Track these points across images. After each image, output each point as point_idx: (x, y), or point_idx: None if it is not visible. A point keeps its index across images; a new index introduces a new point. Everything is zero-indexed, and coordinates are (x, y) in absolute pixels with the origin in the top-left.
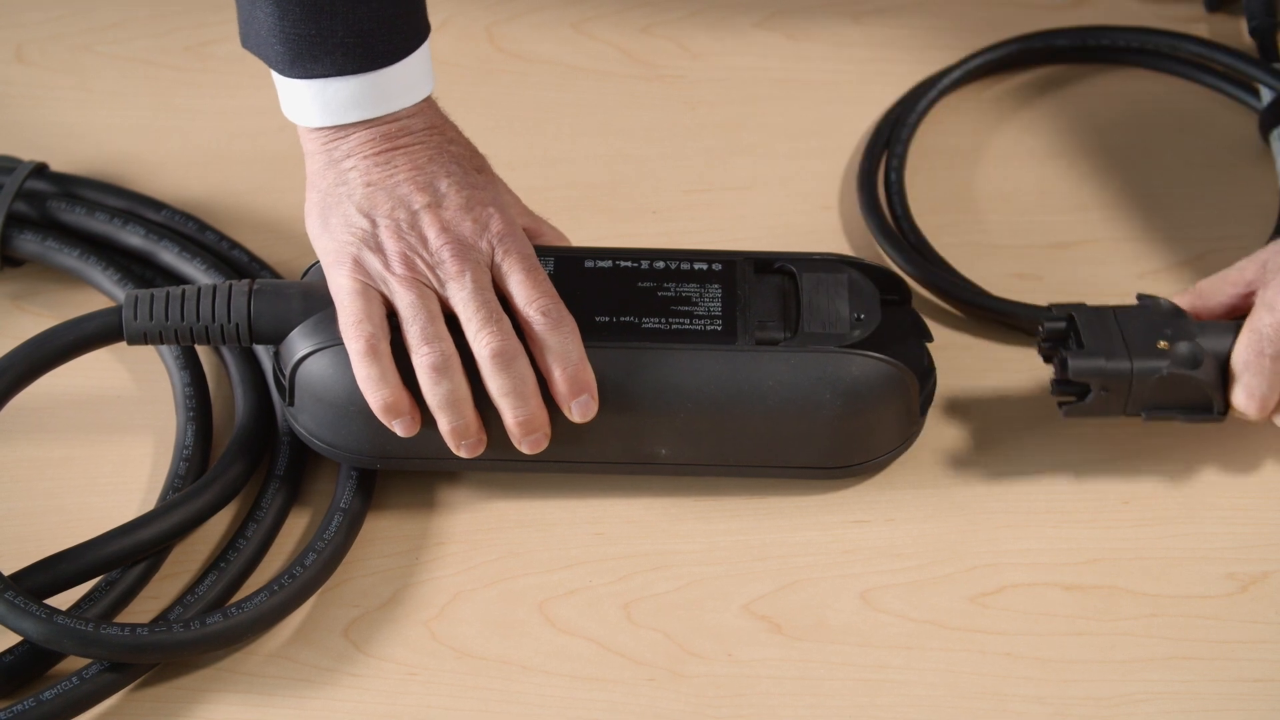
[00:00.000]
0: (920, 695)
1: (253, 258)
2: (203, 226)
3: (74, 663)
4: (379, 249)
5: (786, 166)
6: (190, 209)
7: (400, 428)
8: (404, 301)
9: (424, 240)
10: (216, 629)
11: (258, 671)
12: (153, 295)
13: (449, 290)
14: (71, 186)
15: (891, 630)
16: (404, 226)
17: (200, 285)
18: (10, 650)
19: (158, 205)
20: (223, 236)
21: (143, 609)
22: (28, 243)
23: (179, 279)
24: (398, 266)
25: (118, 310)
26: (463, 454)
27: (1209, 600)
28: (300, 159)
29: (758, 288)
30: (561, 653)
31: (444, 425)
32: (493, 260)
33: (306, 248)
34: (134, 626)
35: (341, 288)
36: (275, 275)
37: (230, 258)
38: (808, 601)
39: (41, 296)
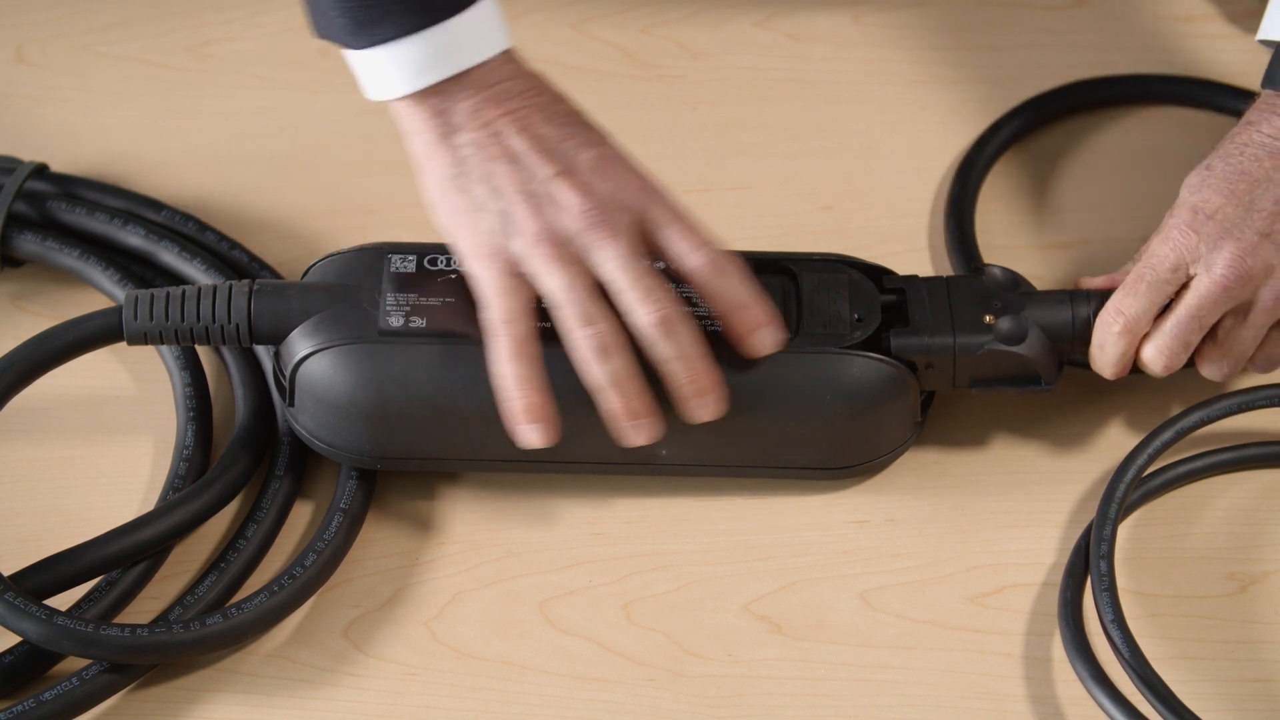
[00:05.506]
0: (920, 695)
1: (253, 258)
2: (203, 226)
3: (74, 663)
4: (518, 231)
5: (786, 166)
6: (190, 209)
7: (536, 434)
8: (553, 284)
9: (563, 210)
10: (216, 629)
11: (258, 671)
12: (153, 295)
13: (596, 259)
14: (71, 187)
15: (891, 630)
16: (540, 200)
17: (200, 285)
18: (10, 651)
19: (158, 205)
20: (223, 236)
21: (143, 609)
22: (28, 243)
23: (179, 279)
24: (541, 246)
25: (118, 310)
26: (635, 438)
27: (1209, 600)
28: (300, 158)
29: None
30: (561, 653)
31: (610, 406)
32: (639, 216)
33: (307, 248)
34: (134, 627)
35: (486, 282)
36: (275, 275)
37: (230, 258)
38: (808, 601)
39: (41, 296)
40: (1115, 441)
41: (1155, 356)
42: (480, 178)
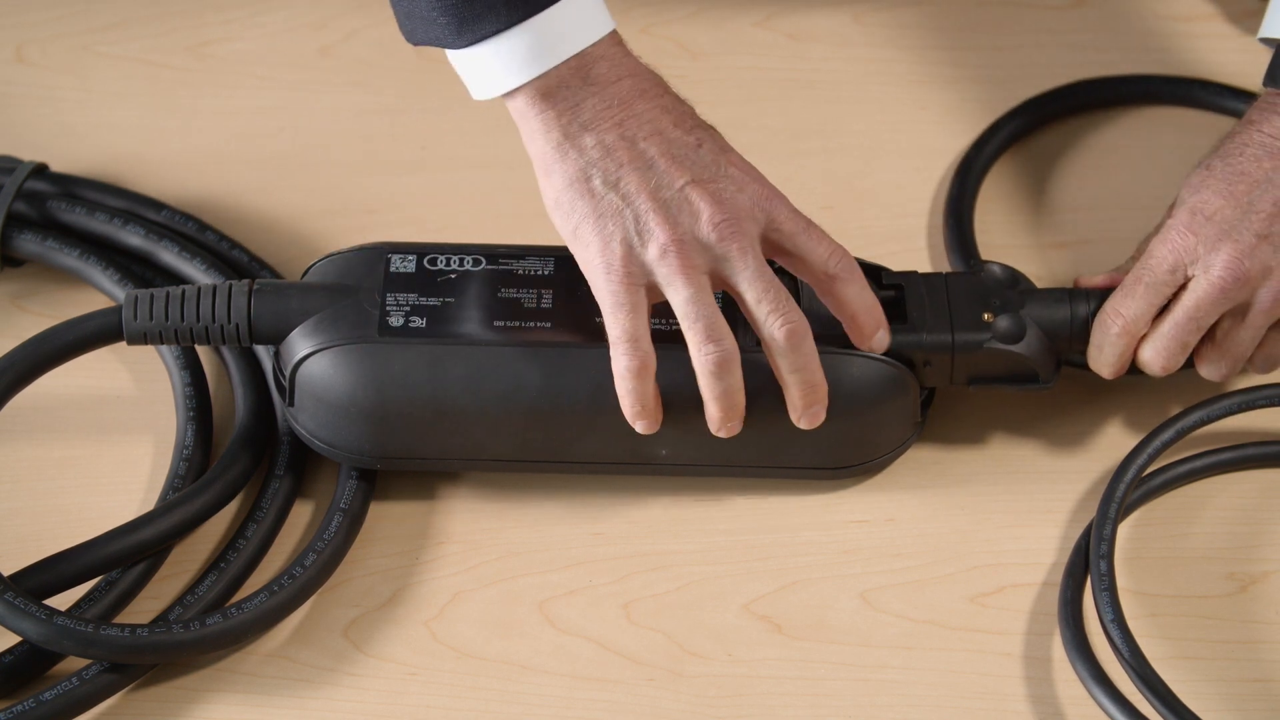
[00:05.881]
0: (920, 695)
1: (253, 258)
2: (203, 226)
3: (74, 663)
4: (651, 238)
5: (786, 166)
6: (190, 209)
7: (644, 427)
8: (681, 296)
9: (698, 219)
10: (216, 629)
11: (258, 671)
12: (153, 295)
13: (729, 270)
14: (71, 186)
15: (891, 630)
16: (672, 209)
17: (200, 285)
18: (10, 650)
19: (158, 205)
20: (223, 236)
21: (143, 609)
22: (28, 243)
23: (179, 279)
24: (670, 256)
25: (118, 310)
26: (722, 435)
27: (1209, 600)
28: (300, 158)
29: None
30: (561, 653)
31: (714, 414)
32: (765, 222)
33: (307, 248)
34: (134, 627)
35: (610, 295)
36: (275, 275)
37: (230, 258)
38: (808, 601)
39: (41, 296)
40: (1115, 441)
41: (1153, 357)
42: (610, 183)
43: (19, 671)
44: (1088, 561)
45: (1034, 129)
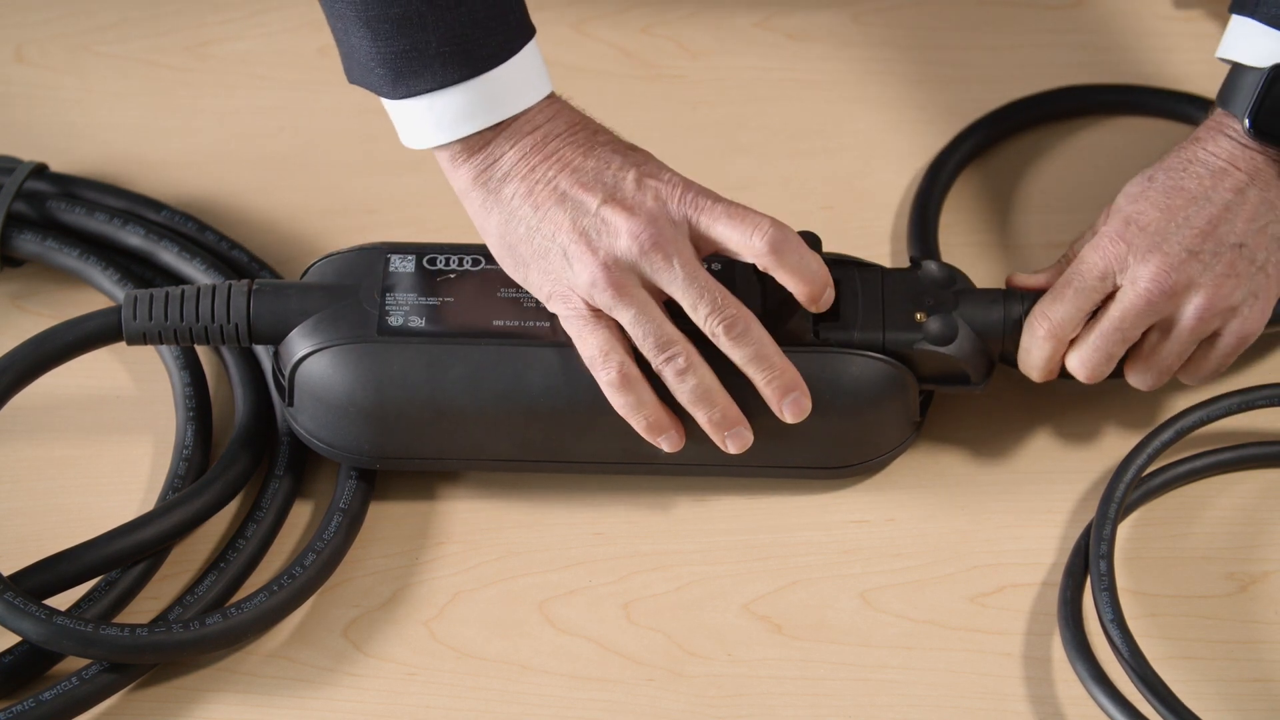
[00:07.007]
0: (920, 695)
1: (253, 258)
2: (203, 226)
3: (74, 663)
4: (580, 272)
5: (786, 166)
6: (190, 209)
7: (667, 443)
8: (625, 318)
9: (616, 236)
10: (216, 629)
11: (258, 671)
12: (152, 295)
13: (661, 281)
14: (71, 186)
15: (891, 630)
16: (592, 235)
17: (200, 285)
18: (10, 650)
19: (158, 205)
20: (223, 236)
21: (143, 609)
22: (28, 243)
23: (179, 279)
24: (601, 284)
25: (117, 310)
26: (729, 447)
27: (1209, 600)
28: (300, 158)
29: (757, 288)
30: (561, 653)
31: (702, 420)
32: (689, 222)
33: (306, 248)
34: (133, 627)
35: (568, 323)
36: (275, 275)
37: (230, 258)
38: (808, 601)
39: (41, 296)
40: (1115, 441)
41: (1079, 365)
42: (534, 226)
43: (19, 671)
44: (1087, 561)
45: (1011, 134)
